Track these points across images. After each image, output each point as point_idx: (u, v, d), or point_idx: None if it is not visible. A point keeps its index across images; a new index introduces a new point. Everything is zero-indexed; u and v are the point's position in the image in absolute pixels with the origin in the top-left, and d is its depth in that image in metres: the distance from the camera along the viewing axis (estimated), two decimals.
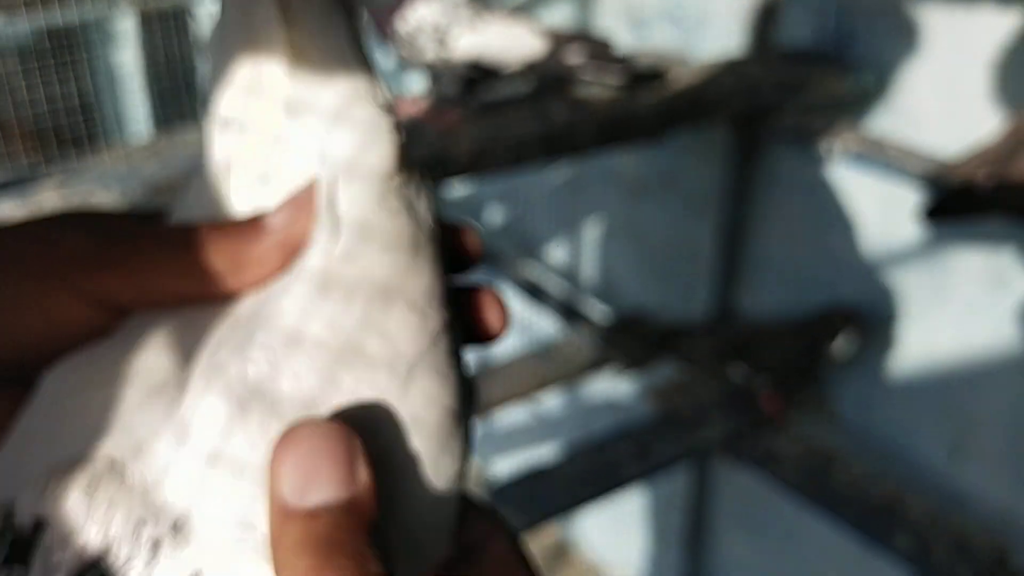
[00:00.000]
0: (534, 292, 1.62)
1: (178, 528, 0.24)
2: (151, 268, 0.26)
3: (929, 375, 1.38)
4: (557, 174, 1.70)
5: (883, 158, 1.26)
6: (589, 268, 1.75)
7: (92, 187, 0.95)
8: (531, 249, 1.85)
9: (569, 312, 1.67)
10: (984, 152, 0.96)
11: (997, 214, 0.95)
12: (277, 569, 0.21)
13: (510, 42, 1.15)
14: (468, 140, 1.03)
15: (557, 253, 1.82)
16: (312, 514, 0.21)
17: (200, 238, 0.26)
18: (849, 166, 1.35)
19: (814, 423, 1.54)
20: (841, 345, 1.43)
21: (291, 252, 0.26)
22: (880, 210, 1.36)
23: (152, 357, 0.26)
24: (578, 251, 1.78)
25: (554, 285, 1.78)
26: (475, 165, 1.04)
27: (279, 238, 0.26)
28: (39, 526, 0.24)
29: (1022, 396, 1.29)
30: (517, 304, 1.88)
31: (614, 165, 1.65)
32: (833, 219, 1.43)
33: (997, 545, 1.27)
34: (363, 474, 0.22)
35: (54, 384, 0.27)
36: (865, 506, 1.32)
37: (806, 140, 1.32)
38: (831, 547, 1.59)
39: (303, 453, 0.22)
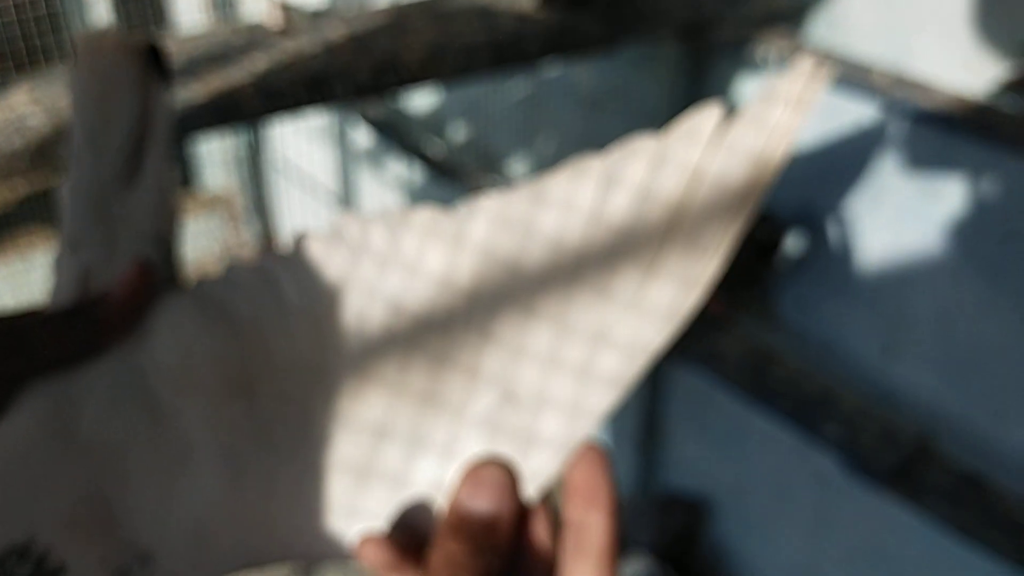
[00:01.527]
0: None
1: (144, 558, 0.33)
2: (36, 345, 0.35)
3: (863, 278, 1.46)
4: (516, 90, 1.74)
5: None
6: None
7: (61, 91, 0.99)
8: (492, 163, 1.89)
9: None
10: None
11: None
12: (435, 540, 0.32)
13: None
14: (419, 46, 1.07)
15: (517, 167, 1.87)
16: (467, 513, 0.32)
17: (67, 316, 0.35)
18: None
19: (756, 324, 1.62)
20: (782, 251, 1.50)
21: (133, 314, 0.36)
22: (819, 120, 1.42)
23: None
24: (537, 165, 1.83)
25: None
26: (426, 71, 1.09)
27: (122, 304, 0.36)
28: (58, 571, 0.31)
29: (949, 298, 1.36)
30: None
31: (570, 80, 1.69)
32: None
33: (920, 434, 1.37)
34: (508, 504, 0.32)
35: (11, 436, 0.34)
36: (800, 399, 1.41)
37: (747, 52, 1.37)
38: (770, 438, 1.69)
39: (476, 477, 0.33)
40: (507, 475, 0.33)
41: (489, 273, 0.34)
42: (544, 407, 0.34)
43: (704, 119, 0.33)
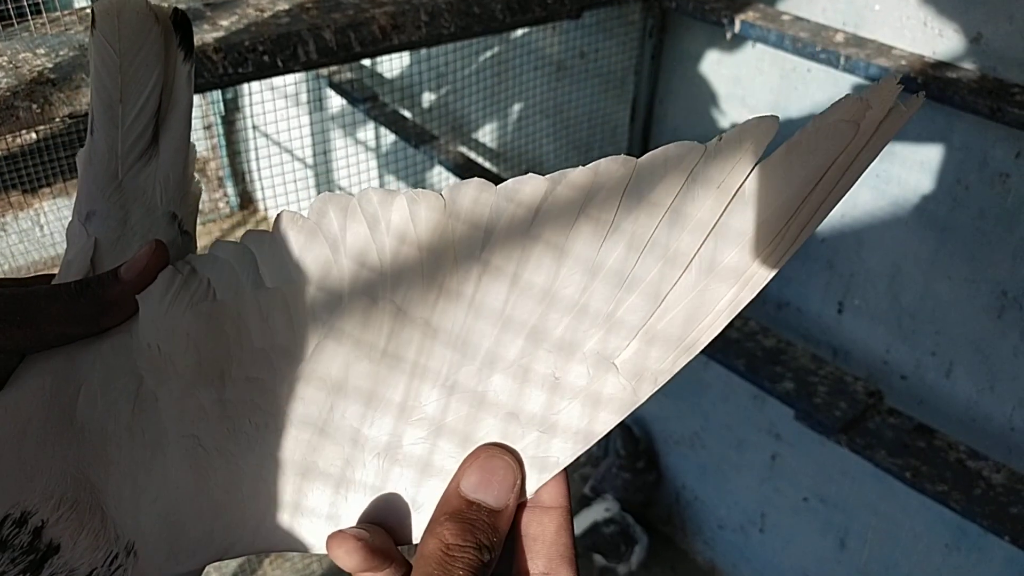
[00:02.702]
0: (465, 169, 1.69)
1: (129, 550, 0.32)
2: (43, 320, 0.34)
3: (819, 237, 1.50)
4: (484, 54, 1.76)
5: (782, 31, 1.33)
6: (515, 144, 1.82)
7: (20, 50, 1.00)
8: (461, 128, 1.91)
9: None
10: None
11: None
12: (429, 522, 0.32)
13: None
14: (386, 6, 1.09)
15: (485, 131, 1.89)
16: (471, 503, 0.31)
17: (75, 292, 0.35)
18: (751, 39, 1.43)
19: None
20: None
21: (144, 261, 0.35)
22: (779, 82, 1.45)
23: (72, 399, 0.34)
24: (505, 129, 1.85)
25: (483, 162, 1.86)
26: (392, 32, 1.10)
27: (131, 285, 0.35)
28: (52, 548, 0.31)
29: (901, 257, 1.40)
30: (449, 182, 1.96)
31: (537, 44, 1.70)
32: (736, 91, 1.51)
33: (873, 389, 1.41)
34: (512, 500, 0.32)
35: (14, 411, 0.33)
36: (756, 355, 1.45)
37: (711, 15, 1.39)
38: (728, 392, 1.74)
39: (487, 467, 0.32)
40: (517, 470, 0.31)
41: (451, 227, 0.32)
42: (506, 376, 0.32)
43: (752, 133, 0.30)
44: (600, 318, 0.31)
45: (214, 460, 0.33)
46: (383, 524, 0.33)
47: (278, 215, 0.34)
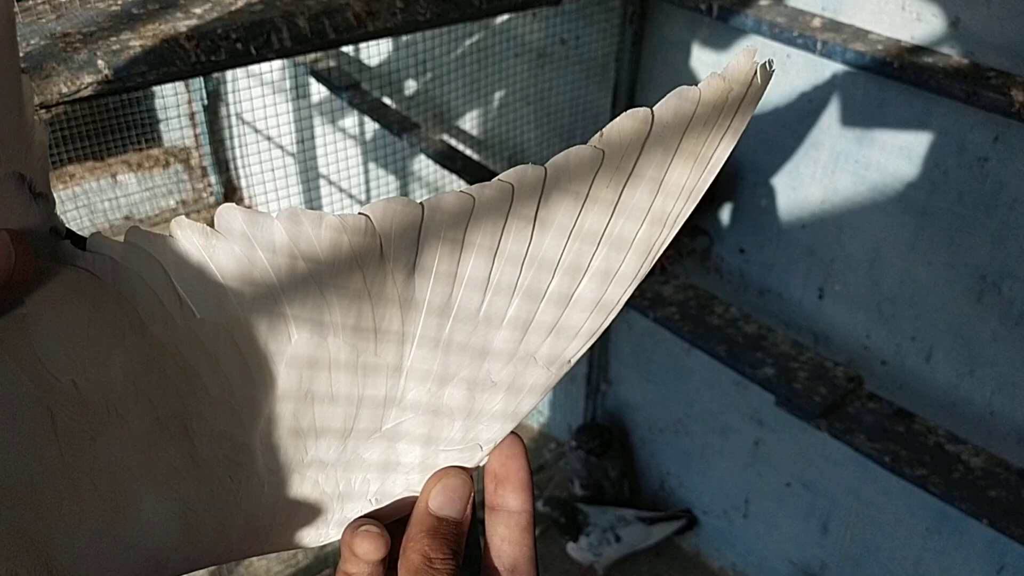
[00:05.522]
0: (447, 158, 1.69)
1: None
2: None
3: (800, 223, 1.50)
4: (467, 43, 1.75)
5: (759, 17, 1.33)
6: (498, 132, 1.82)
7: None
8: (443, 116, 1.90)
9: (479, 176, 1.74)
10: None
11: None
12: (408, 539, 0.36)
13: None
14: None
15: (467, 119, 1.88)
16: (440, 518, 0.36)
17: None
18: (729, 25, 1.42)
19: (697, 270, 1.66)
20: (721, 198, 1.53)
21: (4, 275, 0.29)
22: None
23: None
24: (487, 116, 1.84)
25: (465, 149, 1.85)
26: (367, 18, 1.10)
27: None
28: None
29: (881, 242, 1.40)
30: (432, 170, 1.95)
31: (519, 33, 1.70)
32: None
33: (853, 374, 1.41)
34: (469, 511, 0.37)
35: None
36: (738, 341, 1.45)
37: (689, 0, 1.38)
38: (710, 378, 1.74)
39: (449, 486, 0.37)
40: (471, 484, 0.37)
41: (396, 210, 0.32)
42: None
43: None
44: (525, 325, 0.35)
45: (203, 520, 0.33)
46: None
47: (175, 222, 0.31)
